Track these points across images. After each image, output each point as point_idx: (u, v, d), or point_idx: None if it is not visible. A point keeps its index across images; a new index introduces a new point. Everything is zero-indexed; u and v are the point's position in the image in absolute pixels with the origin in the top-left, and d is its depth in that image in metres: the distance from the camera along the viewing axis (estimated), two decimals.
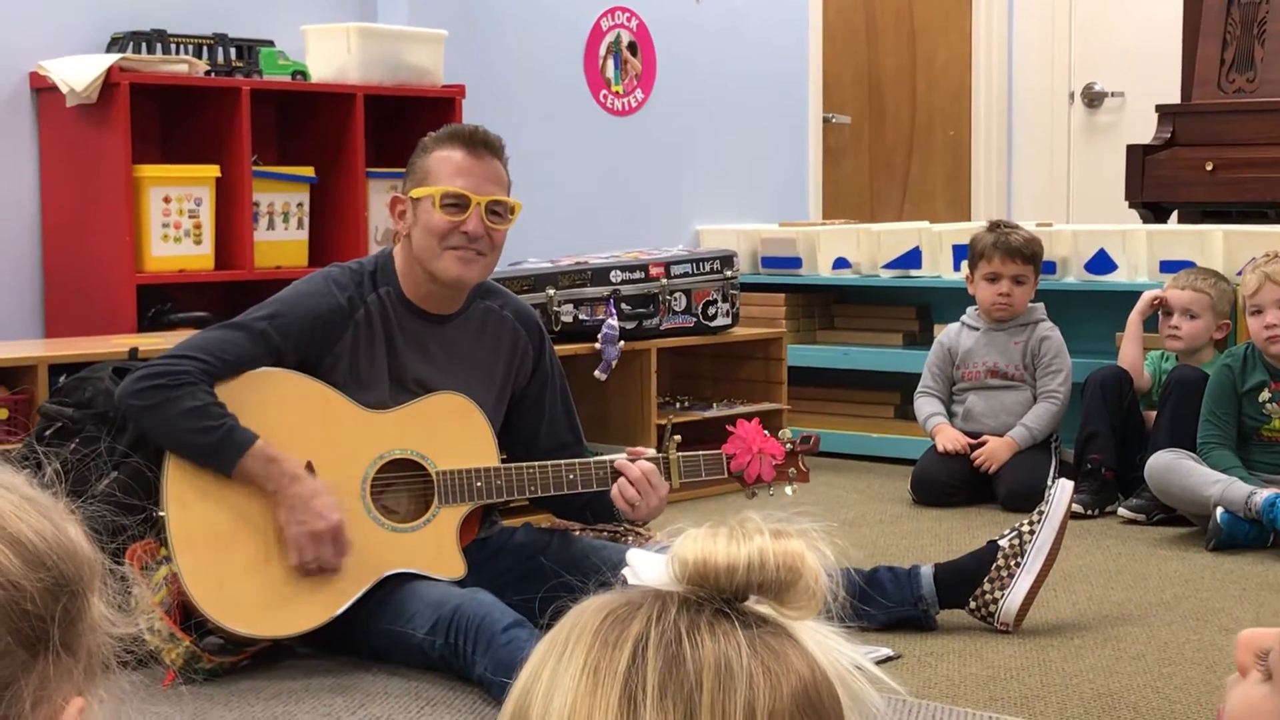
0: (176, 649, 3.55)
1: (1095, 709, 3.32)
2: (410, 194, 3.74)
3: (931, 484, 5.47)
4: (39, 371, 4.42)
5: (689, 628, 1.07)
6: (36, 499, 1.12)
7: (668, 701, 1.04)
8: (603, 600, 1.10)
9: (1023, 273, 5.55)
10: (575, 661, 1.07)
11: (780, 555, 1.13)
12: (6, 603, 1.06)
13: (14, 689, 1.07)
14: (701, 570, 1.10)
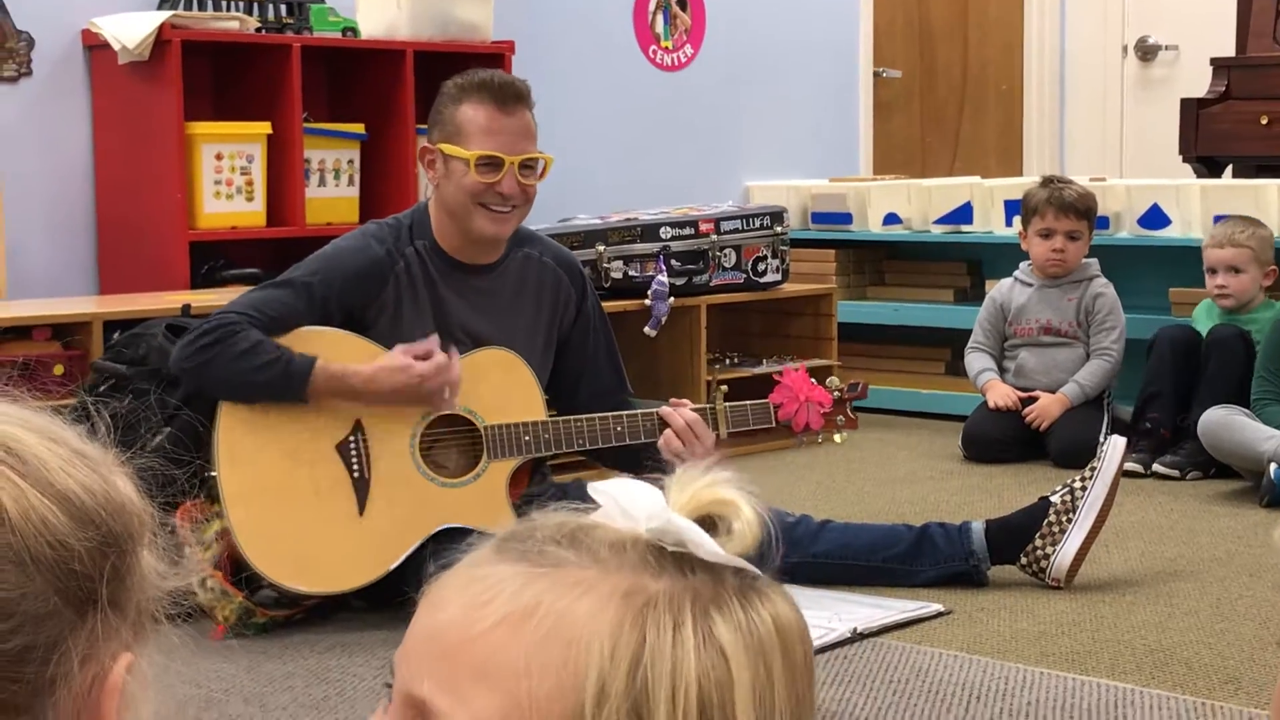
0: (229, 605, 3.58)
1: (1148, 665, 3.31)
2: (440, 147, 3.74)
3: (983, 440, 5.46)
4: (93, 328, 4.45)
5: (712, 599, 1.03)
6: (85, 453, 1.12)
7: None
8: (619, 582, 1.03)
9: (1076, 228, 5.52)
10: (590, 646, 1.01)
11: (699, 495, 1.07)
12: (54, 562, 1.06)
13: (62, 648, 1.07)
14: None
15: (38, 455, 1.08)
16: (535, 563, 1.03)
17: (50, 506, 1.06)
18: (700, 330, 5.70)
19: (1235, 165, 6.51)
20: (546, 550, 1.03)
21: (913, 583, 3.86)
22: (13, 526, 1.04)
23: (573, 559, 1.02)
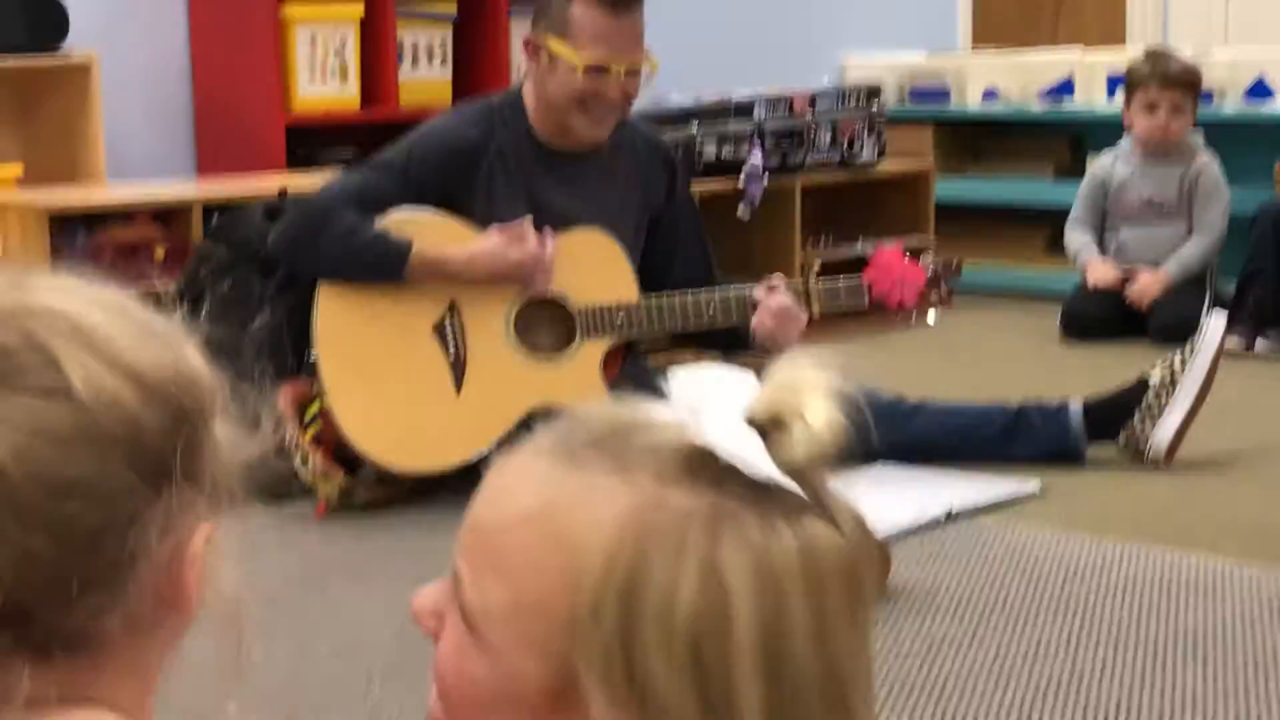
0: (330, 483, 3.63)
1: (1252, 542, 3.30)
2: (548, 42, 3.71)
3: (1082, 319, 5.43)
4: (193, 211, 4.49)
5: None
6: (154, 328, 1.12)
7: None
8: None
9: (1181, 102, 5.46)
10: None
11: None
12: (128, 439, 1.07)
13: (140, 523, 1.07)
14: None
15: (107, 332, 1.08)
16: (564, 462, 1.03)
17: (121, 383, 1.07)
18: (795, 211, 5.69)
19: None
20: (578, 451, 1.03)
21: (1008, 460, 3.85)
22: (84, 405, 1.05)
23: (598, 464, 1.02)
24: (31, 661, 1.07)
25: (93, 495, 1.06)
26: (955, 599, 3.03)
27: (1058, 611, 2.95)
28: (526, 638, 1.02)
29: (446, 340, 3.70)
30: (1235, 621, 2.88)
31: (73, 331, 1.08)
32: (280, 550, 3.36)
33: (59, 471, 1.05)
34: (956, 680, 2.66)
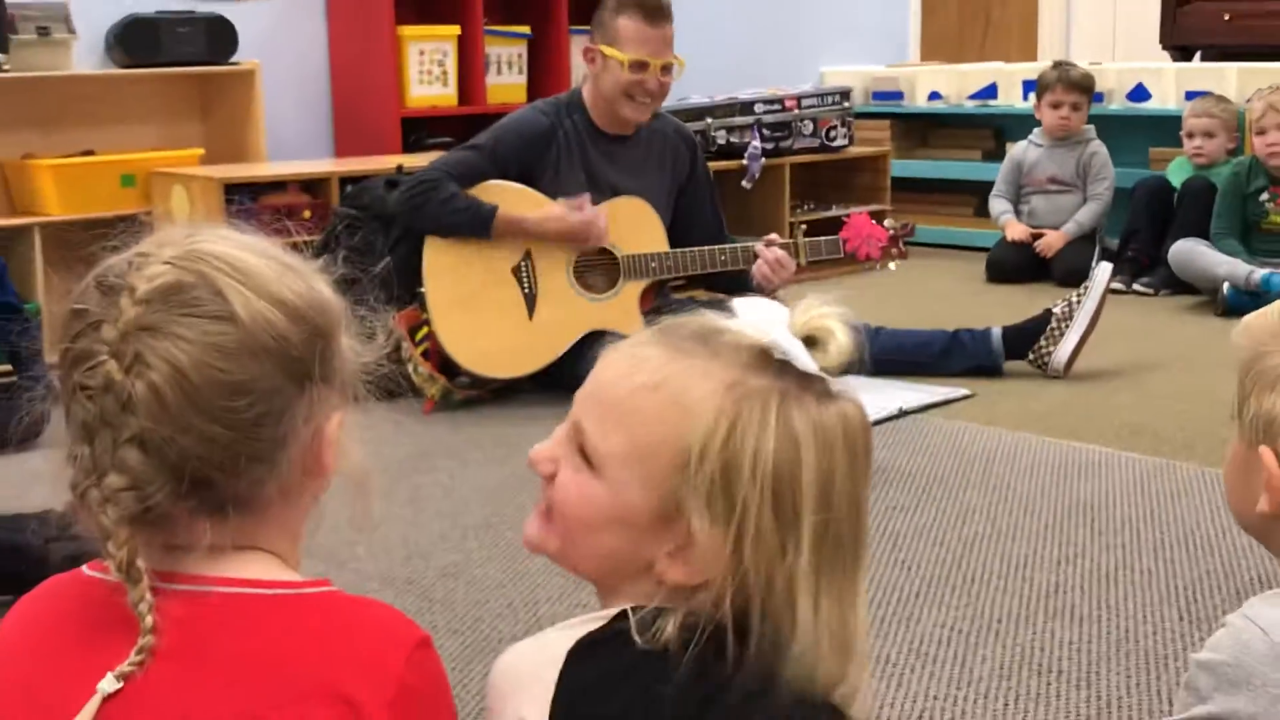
0: (435, 386, 3.65)
1: (1125, 435, 3.30)
2: (601, 47, 3.71)
3: (1001, 266, 5.39)
4: (332, 182, 4.51)
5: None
6: (294, 266, 1.12)
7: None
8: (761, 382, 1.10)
9: (1079, 100, 5.42)
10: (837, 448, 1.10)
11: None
12: (278, 351, 1.07)
13: (290, 412, 1.08)
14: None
15: (259, 270, 1.08)
16: (673, 350, 1.10)
17: (271, 308, 1.07)
18: (785, 183, 5.67)
19: (1203, 52, 6.30)
20: (683, 343, 1.10)
21: (946, 374, 3.84)
22: (244, 325, 1.05)
23: (700, 351, 1.09)
24: (211, 519, 1.07)
25: (253, 393, 1.06)
26: (905, 474, 3.04)
27: (982, 485, 2.95)
28: (640, 475, 1.07)
29: (522, 279, 3.70)
30: (1114, 493, 2.88)
31: (233, 270, 1.07)
32: (397, 436, 3.36)
33: (228, 376, 1.05)
34: (905, 535, 2.67)
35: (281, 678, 1.03)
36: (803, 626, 1.04)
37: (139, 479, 1.03)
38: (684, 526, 1.07)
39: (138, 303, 1.04)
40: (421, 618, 2.25)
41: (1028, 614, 2.28)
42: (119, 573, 1.04)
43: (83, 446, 1.04)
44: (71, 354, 1.06)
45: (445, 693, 1.12)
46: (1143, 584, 2.39)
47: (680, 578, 1.10)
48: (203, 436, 1.04)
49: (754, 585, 1.05)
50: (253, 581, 1.08)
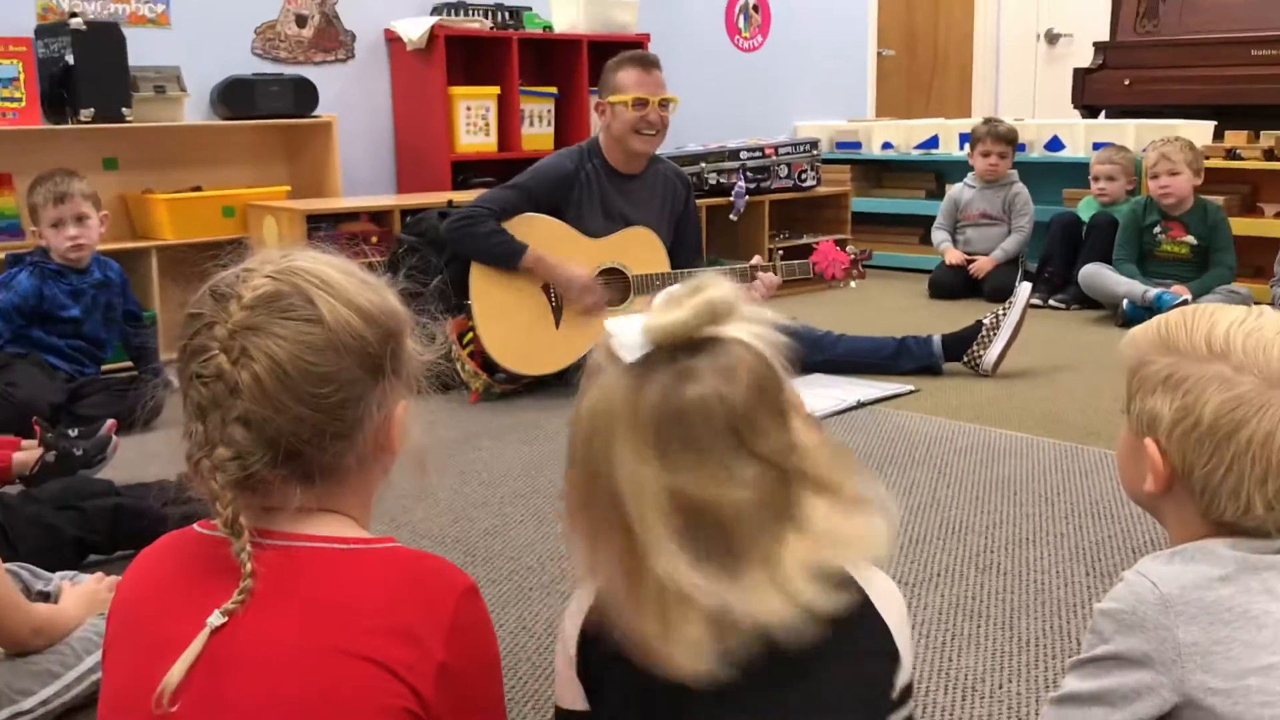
0: (478, 380, 3.64)
1: (1042, 423, 3.29)
2: (608, 100, 3.71)
3: (941, 285, 5.37)
4: (395, 214, 4.49)
5: (674, 383, 1.02)
6: (369, 280, 1.13)
7: (686, 448, 1.00)
8: (617, 380, 1.05)
9: (1005, 150, 5.39)
10: (618, 431, 1.03)
11: (700, 306, 1.04)
12: (356, 348, 1.07)
13: (366, 399, 1.08)
14: (662, 336, 1.04)
15: (341, 283, 1.09)
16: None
17: (351, 314, 1.07)
18: (765, 216, 5.64)
19: (1107, 110, 6.31)
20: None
21: (895, 373, 3.83)
22: (329, 327, 1.06)
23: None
24: (300, 484, 1.08)
25: (336, 382, 1.06)
26: (861, 455, 3.03)
27: (924, 465, 2.94)
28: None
29: (550, 295, 3.69)
30: (1032, 471, 2.87)
31: (321, 282, 1.08)
32: (448, 420, 3.38)
33: (316, 368, 1.05)
34: None
35: (356, 615, 1.03)
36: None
37: (242, 451, 1.04)
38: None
39: (244, 308, 1.05)
40: (466, 570, 2.25)
41: (961, 570, 2.28)
42: (225, 528, 1.05)
43: (197, 424, 1.05)
44: (189, 349, 1.07)
45: (489, 630, 1.12)
46: (1056, 545, 2.39)
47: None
48: (295, 417, 1.04)
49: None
50: (332, 538, 1.08)
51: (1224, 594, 1.16)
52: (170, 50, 4.53)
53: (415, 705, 1.02)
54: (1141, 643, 1.15)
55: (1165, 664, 1.14)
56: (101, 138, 4.34)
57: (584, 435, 1.03)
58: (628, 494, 0.99)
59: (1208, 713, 1.14)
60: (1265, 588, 1.17)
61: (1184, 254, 4.78)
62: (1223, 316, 1.21)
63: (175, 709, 1.01)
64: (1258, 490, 1.16)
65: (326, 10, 4.99)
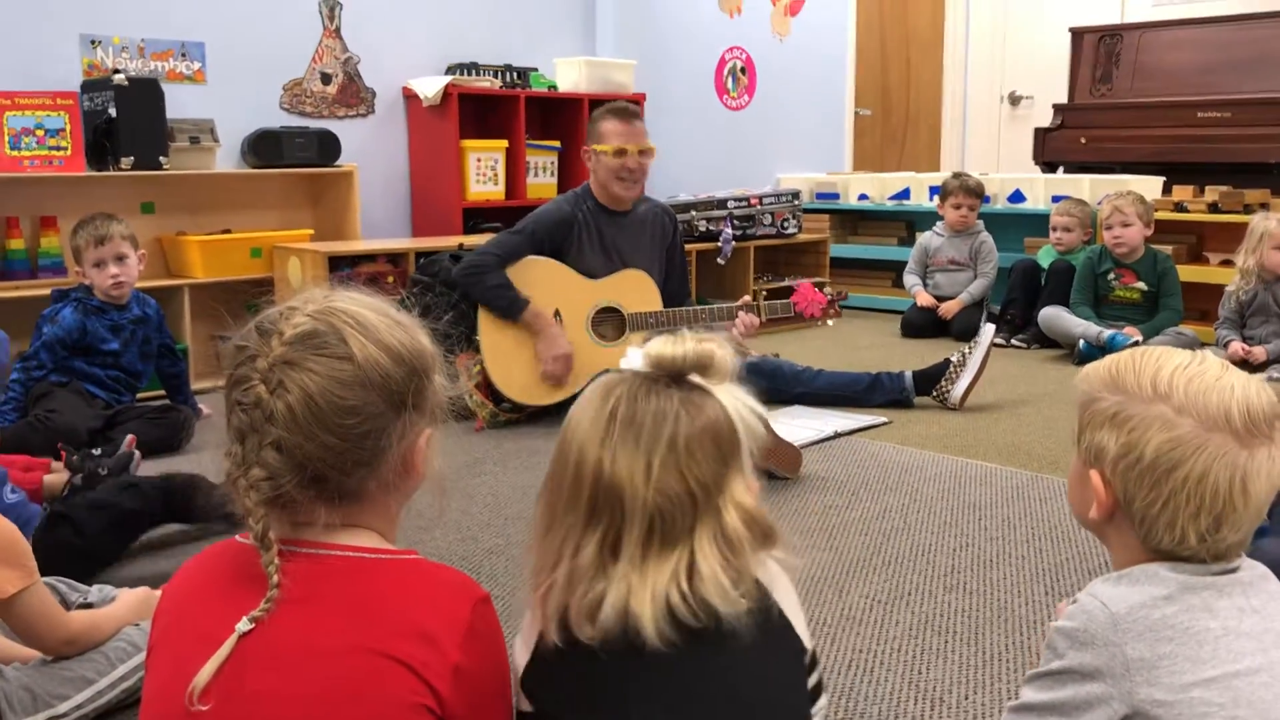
0: (484, 410, 3.64)
1: (1007, 453, 3.30)
2: (594, 148, 3.73)
3: (912, 325, 5.38)
4: (410, 256, 4.50)
5: (642, 391, 1.10)
6: (398, 318, 1.14)
7: (628, 432, 1.08)
8: (606, 377, 1.15)
9: (974, 203, 5.42)
10: (588, 411, 1.12)
11: (698, 351, 1.13)
12: (382, 384, 1.09)
13: (388, 430, 1.10)
14: (656, 360, 1.13)
15: (374, 324, 1.10)
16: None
17: (380, 353, 1.09)
18: (750, 260, 5.67)
19: (1065, 166, 6.35)
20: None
21: (870, 405, 3.84)
22: (359, 364, 1.07)
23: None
24: (325, 505, 1.09)
25: (362, 414, 1.08)
26: (838, 482, 3.03)
27: (896, 491, 2.95)
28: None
29: None
30: (996, 497, 2.88)
31: (355, 323, 1.10)
32: (456, 447, 3.38)
33: (344, 401, 1.07)
34: (838, 528, 2.66)
35: (379, 618, 1.05)
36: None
37: (274, 472, 1.06)
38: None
39: (284, 343, 1.07)
40: None
41: (930, 588, 2.28)
42: (256, 541, 1.06)
43: (236, 446, 1.07)
44: (233, 377, 1.09)
45: (500, 637, 1.14)
46: (1018, 566, 2.39)
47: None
48: (323, 444, 1.06)
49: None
50: (358, 548, 1.10)
51: (1168, 612, 1.18)
52: (205, 104, 4.57)
53: (432, 702, 1.03)
54: (1093, 658, 1.17)
55: (1115, 677, 1.16)
56: (140, 184, 4.36)
57: (563, 426, 1.13)
58: (572, 462, 1.10)
59: None
60: (1205, 606, 1.18)
61: (1135, 298, 4.81)
62: (1168, 361, 1.23)
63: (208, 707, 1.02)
64: (1191, 523, 1.19)
65: (349, 69, 5.04)
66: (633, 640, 1.03)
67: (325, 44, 4.95)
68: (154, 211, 4.47)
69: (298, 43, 4.86)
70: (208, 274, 4.31)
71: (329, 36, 4.96)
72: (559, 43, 5.79)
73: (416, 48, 5.24)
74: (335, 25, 4.97)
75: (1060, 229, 5.17)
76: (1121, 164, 6.00)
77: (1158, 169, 5.78)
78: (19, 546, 1.59)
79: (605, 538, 1.06)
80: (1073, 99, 6.43)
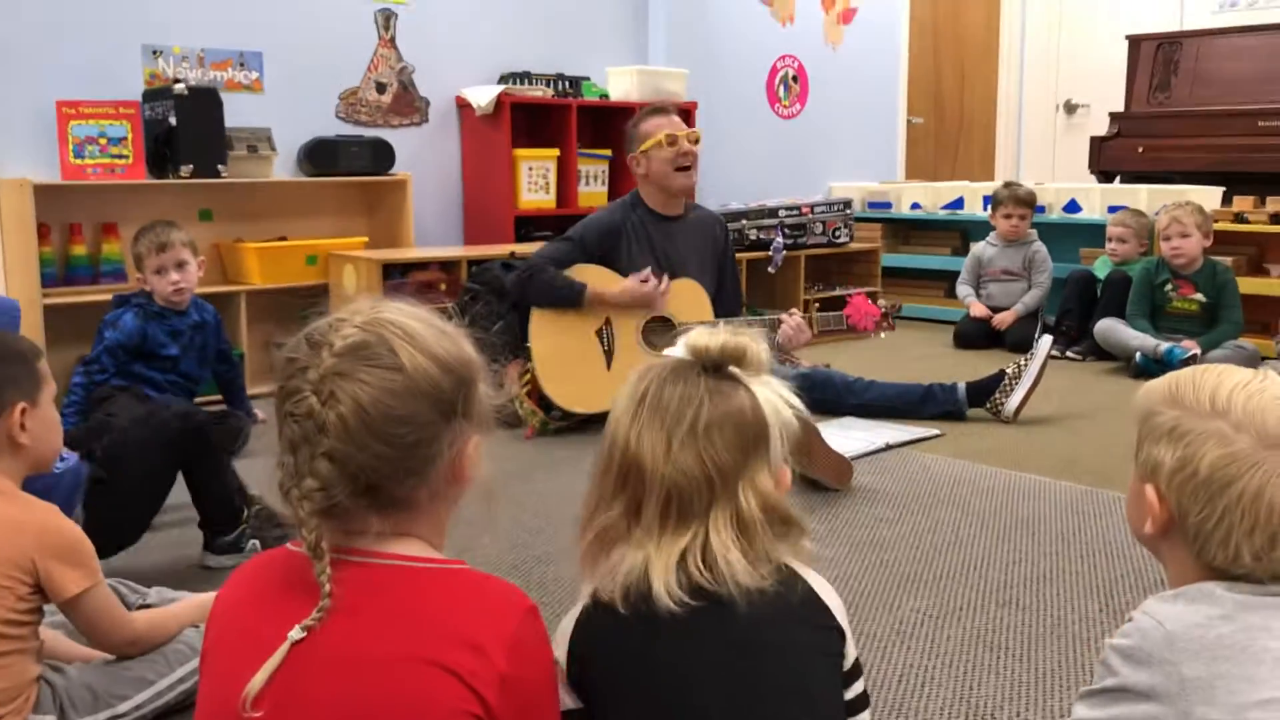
0: (535, 417, 3.65)
1: (1062, 466, 3.27)
2: (641, 150, 3.74)
3: (966, 336, 5.35)
4: (462, 264, 4.53)
5: (672, 376, 1.18)
6: (445, 328, 1.15)
7: (655, 414, 1.16)
8: (653, 362, 1.22)
9: (1026, 212, 5.38)
10: (625, 393, 1.21)
11: (734, 343, 1.20)
12: (432, 394, 1.09)
13: (438, 439, 1.10)
14: (692, 350, 1.20)
15: (422, 334, 1.11)
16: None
17: (429, 362, 1.09)
18: (801, 270, 5.65)
19: (1121, 175, 6.27)
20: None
21: (922, 417, 3.81)
22: (409, 374, 1.08)
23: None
24: (377, 513, 1.10)
25: (412, 423, 1.09)
26: (889, 495, 3.02)
27: (948, 504, 2.93)
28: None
29: (603, 339, 3.72)
30: (1050, 511, 2.85)
31: (403, 334, 1.10)
32: (506, 454, 3.39)
33: (394, 411, 1.08)
34: (889, 541, 2.65)
35: (428, 627, 1.05)
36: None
37: (327, 482, 1.06)
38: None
39: (334, 355, 1.08)
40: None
41: (982, 603, 2.26)
42: (309, 551, 1.08)
43: (288, 457, 1.08)
44: (285, 389, 1.10)
45: (547, 647, 1.14)
46: (1071, 582, 2.37)
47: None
48: (375, 454, 1.07)
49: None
50: (408, 557, 1.11)
51: (1225, 631, 1.16)
52: (262, 113, 4.63)
53: (480, 711, 1.03)
54: (1148, 676, 1.15)
55: (1170, 697, 1.14)
56: (199, 191, 4.43)
57: (612, 410, 1.20)
58: (607, 439, 1.18)
59: None
60: (1264, 626, 1.16)
61: (1194, 310, 4.74)
62: (1229, 378, 1.22)
63: (260, 714, 1.03)
64: (1245, 541, 1.17)
65: (404, 79, 5.09)
66: (650, 601, 1.11)
67: (380, 53, 5.00)
68: (212, 219, 4.53)
69: (353, 52, 4.91)
70: (264, 281, 4.37)
71: (384, 46, 5.01)
72: (611, 52, 5.80)
73: (470, 57, 5.28)
74: (390, 35, 5.02)
75: (1115, 240, 5.12)
76: (1180, 174, 5.92)
77: (1217, 179, 5.69)
78: (83, 547, 1.62)
79: (629, 507, 1.15)
80: (1130, 107, 6.35)
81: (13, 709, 1.56)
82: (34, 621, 1.60)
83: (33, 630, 1.60)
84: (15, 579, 1.55)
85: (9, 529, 1.57)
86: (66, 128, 4.04)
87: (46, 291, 4.00)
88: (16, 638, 1.57)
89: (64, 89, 4.14)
